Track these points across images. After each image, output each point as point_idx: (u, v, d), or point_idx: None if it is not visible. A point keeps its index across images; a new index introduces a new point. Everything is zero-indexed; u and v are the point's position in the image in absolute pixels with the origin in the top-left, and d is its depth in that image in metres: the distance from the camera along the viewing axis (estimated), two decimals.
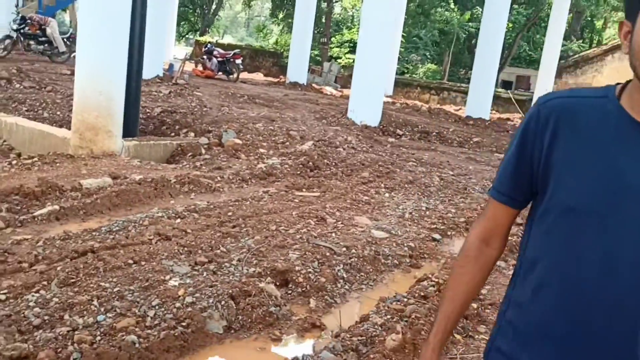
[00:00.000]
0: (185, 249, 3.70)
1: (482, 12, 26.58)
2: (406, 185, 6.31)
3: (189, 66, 17.29)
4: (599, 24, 34.85)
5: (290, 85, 17.24)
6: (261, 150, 7.16)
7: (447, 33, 26.41)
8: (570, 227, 1.17)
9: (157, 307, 2.88)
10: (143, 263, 3.38)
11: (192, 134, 7.92)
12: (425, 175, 6.85)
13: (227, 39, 45.66)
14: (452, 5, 28.52)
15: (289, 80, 17.70)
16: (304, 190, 5.80)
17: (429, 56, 27.84)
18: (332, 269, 3.79)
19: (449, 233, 5.13)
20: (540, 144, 1.20)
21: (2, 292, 2.88)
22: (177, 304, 2.93)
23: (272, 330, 3.04)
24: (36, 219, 3.99)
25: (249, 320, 3.04)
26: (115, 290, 2.99)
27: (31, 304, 2.76)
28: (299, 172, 6.42)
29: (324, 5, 30.40)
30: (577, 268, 1.16)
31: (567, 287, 1.18)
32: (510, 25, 24.62)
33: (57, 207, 4.16)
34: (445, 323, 1.35)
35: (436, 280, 3.79)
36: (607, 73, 20.78)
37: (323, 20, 31.03)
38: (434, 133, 10.45)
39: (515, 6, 27.33)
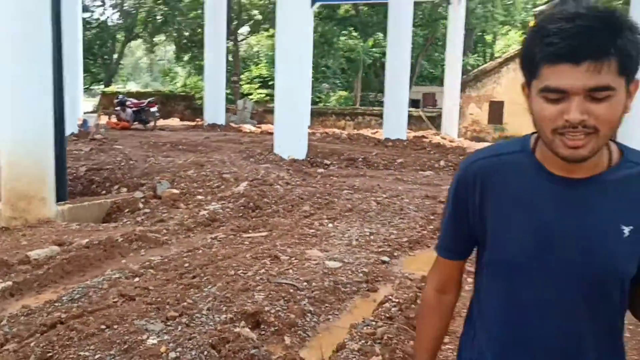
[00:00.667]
0: (153, 306, 3.73)
1: (383, 37, 27.81)
2: (346, 214, 6.57)
3: (102, 119, 16.99)
4: (489, 38, 37.19)
5: (209, 127, 17.28)
6: (199, 197, 7.21)
7: (353, 60, 27.34)
8: (508, 278, 1.26)
9: None
10: (115, 326, 3.39)
11: (125, 190, 7.85)
12: (362, 201, 7.14)
13: (132, 86, 44.89)
14: (353, 34, 29.55)
15: (207, 122, 17.73)
16: (250, 231, 5.91)
17: (338, 84, 28.69)
18: (298, 304, 3.94)
19: (395, 254, 5.40)
20: (473, 206, 1.30)
21: None
22: None
23: None
24: None
25: None
26: (96, 357, 3.00)
27: None
28: (241, 215, 6.52)
29: (229, 44, 30.68)
30: (518, 315, 1.26)
31: (509, 331, 1.29)
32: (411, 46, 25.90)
33: (9, 282, 4.07)
34: None
35: (396, 300, 4.02)
36: (504, 84, 22.25)
37: (230, 59, 31.26)
38: (360, 159, 10.84)
39: (413, 28, 28.83)
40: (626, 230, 1.18)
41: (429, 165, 10.67)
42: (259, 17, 29.39)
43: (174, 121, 21.22)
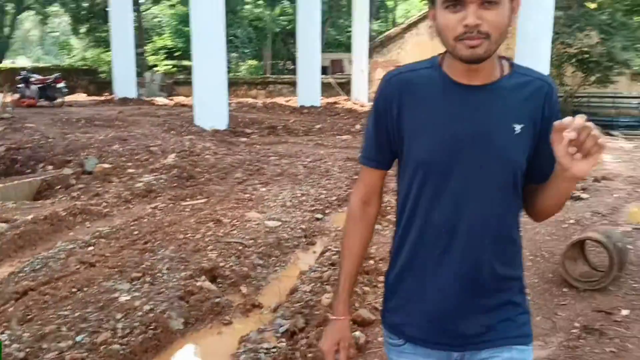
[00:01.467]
0: (115, 270, 4.02)
1: (290, 5, 27.97)
2: (277, 178, 6.99)
3: (7, 97, 16.25)
4: (390, 3, 38.24)
5: (120, 101, 16.94)
6: (130, 170, 7.36)
7: (261, 29, 27.35)
8: (425, 176, 1.44)
9: (123, 320, 3.25)
10: (85, 289, 3.67)
11: (51, 167, 7.83)
12: (289, 166, 7.59)
13: (23, 61, 42.37)
14: (259, 2, 29.48)
15: (117, 96, 17.37)
16: (188, 199, 6.21)
17: (248, 53, 28.64)
18: (248, 259, 4.36)
19: (327, 212, 5.91)
20: (391, 114, 1.47)
21: None
22: (139, 313, 3.32)
23: (221, 317, 3.55)
24: None
25: (201, 313, 3.53)
26: (76, 315, 3.29)
27: (6, 342, 2.99)
28: (176, 185, 6.78)
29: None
30: (434, 203, 1.44)
31: (426, 222, 1.46)
32: None
33: None
34: (349, 278, 1.60)
35: (335, 249, 4.53)
36: (409, 49, 23.15)
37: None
38: (280, 127, 11.24)
39: None
40: (517, 127, 1.42)
41: (345, 130, 11.24)
42: None
43: (80, 96, 20.53)
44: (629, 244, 5.25)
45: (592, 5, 17.79)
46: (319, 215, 5.68)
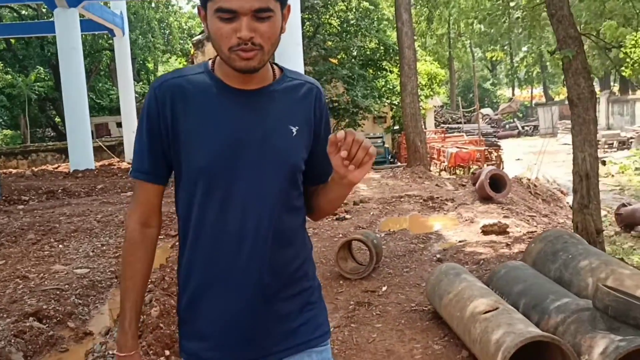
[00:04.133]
0: None
1: (44, 71, 26.90)
2: (73, 234, 7.20)
3: None
4: (150, 65, 38.85)
5: None
6: None
7: (17, 96, 25.86)
8: (205, 184, 1.42)
9: None
10: None
11: None
12: (83, 222, 7.81)
13: None
14: (8, 69, 27.83)
15: None
16: None
17: (2, 122, 26.73)
18: (68, 300, 4.71)
19: None
20: (165, 122, 1.42)
21: None
22: None
23: (58, 347, 3.92)
24: None
25: (38, 346, 3.85)
26: None
27: None
28: None
29: None
30: (221, 210, 1.42)
31: (215, 227, 1.43)
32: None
33: None
34: (135, 309, 1.51)
35: (151, 279, 5.09)
36: None
37: None
38: (59, 191, 11.13)
39: None
40: (294, 130, 1.47)
41: (128, 187, 11.55)
42: None
43: None
44: (384, 244, 6.70)
45: (334, 61, 20.59)
46: None
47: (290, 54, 10.75)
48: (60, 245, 6.78)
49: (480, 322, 3.59)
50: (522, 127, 39.99)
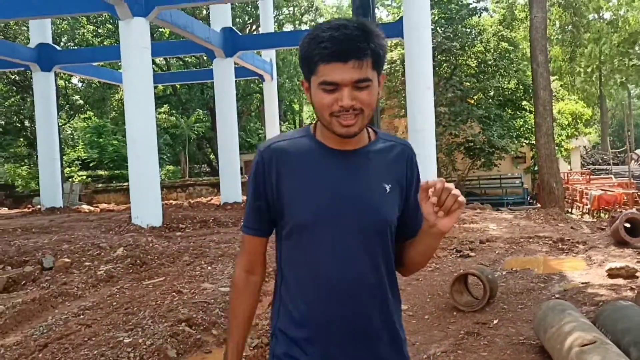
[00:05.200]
0: (110, 326, 5.08)
1: (203, 113, 29.79)
2: (220, 258, 8.20)
3: None
4: (296, 106, 41.22)
5: (47, 211, 17.51)
6: (87, 263, 8.32)
7: (179, 136, 28.86)
8: (308, 239, 1.55)
9: (133, 351, 4.35)
10: (94, 338, 4.72)
11: (9, 267, 8.62)
12: (229, 248, 8.83)
13: None
14: (173, 111, 31.16)
15: (44, 206, 17.94)
16: (147, 280, 7.28)
17: (165, 159, 29.94)
18: (213, 312, 5.54)
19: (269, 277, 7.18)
20: (270, 183, 1.56)
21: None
22: (144, 346, 4.44)
23: (203, 348, 4.71)
24: None
25: (187, 346, 4.67)
26: (95, 352, 4.35)
27: None
28: (132, 271, 7.81)
29: None
30: (321, 269, 1.55)
31: (318, 284, 1.56)
32: None
33: None
34: (238, 347, 1.68)
35: None
36: None
37: None
38: (210, 220, 12.46)
39: None
40: (387, 187, 1.56)
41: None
42: (81, 102, 29.69)
43: (3, 210, 20.77)
44: (503, 282, 6.90)
45: (471, 101, 20.75)
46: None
47: (421, 98, 11.31)
48: (209, 267, 7.78)
49: (576, 354, 3.80)
50: None
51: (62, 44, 25.88)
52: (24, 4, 13.18)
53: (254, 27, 31.59)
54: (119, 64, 15.74)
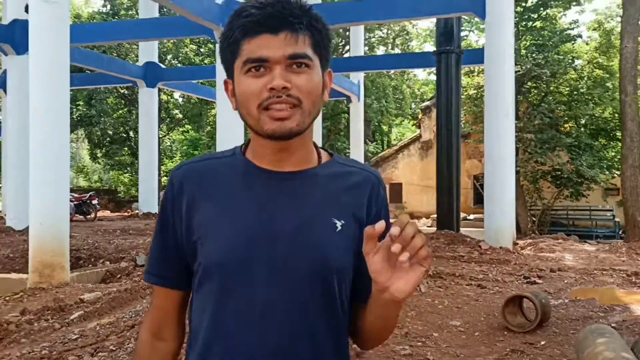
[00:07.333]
0: None
1: None
2: None
3: None
4: (385, 127, 41.69)
5: (144, 215, 18.98)
6: None
7: None
8: (218, 290, 1.14)
9: None
10: None
11: (108, 262, 9.69)
12: None
13: None
14: None
15: (142, 211, 19.44)
16: None
17: None
18: None
19: None
20: (179, 212, 1.19)
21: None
22: None
23: None
24: (74, 320, 5.79)
25: None
26: None
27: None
28: None
29: None
30: (237, 319, 1.13)
31: (228, 342, 1.14)
32: None
33: (82, 312, 5.98)
34: None
35: None
36: (401, 167, 25.74)
37: None
38: None
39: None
40: (338, 224, 1.16)
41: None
42: (180, 115, 31.74)
43: (106, 213, 22.65)
44: (563, 309, 7.07)
45: (563, 129, 20.36)
46: None
47: (500, 125, 11.45)
48: None
49: None
50: None
51: (166, 61, 27.90)
52: (137, 28, 14.66)
53: (346, 48, 32.54)
54: (216, 81, 16.93)
